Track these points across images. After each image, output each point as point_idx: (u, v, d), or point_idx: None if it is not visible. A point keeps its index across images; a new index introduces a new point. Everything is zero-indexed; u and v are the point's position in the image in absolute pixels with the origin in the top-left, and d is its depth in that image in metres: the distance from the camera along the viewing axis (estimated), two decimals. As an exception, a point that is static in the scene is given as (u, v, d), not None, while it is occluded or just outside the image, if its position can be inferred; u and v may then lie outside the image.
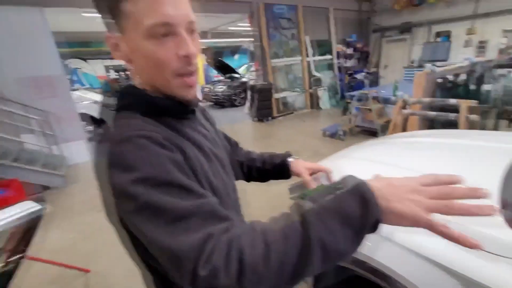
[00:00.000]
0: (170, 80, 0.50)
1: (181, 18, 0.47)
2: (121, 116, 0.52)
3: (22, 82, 3.98)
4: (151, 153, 0.44)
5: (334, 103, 7.96)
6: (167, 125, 0.53)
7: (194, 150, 0.54)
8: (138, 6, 0.45)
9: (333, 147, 4.45)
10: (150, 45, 0.47)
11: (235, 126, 6.64)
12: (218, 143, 0.67)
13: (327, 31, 7.94)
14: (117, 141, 0.45)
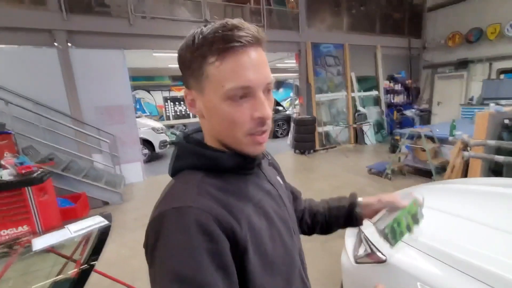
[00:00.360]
0: (241, 139, 0.50)
1: (261, 81, 0.48)
2: (179, 177, 0.53)
3: (99, 110, 4.69)
4: (189, 238, 0.42)
5: (380, 139, 7.64)
6: (230, 184, 0.52)
7: (254, 215, 0.51)
8: (220, 70, 0.46)
9: (379, 186, 4.21)
10: (227, 106, 0.47)
11: (276, 157, 6.60)
12: (283, 199, 0.63)
13: (374, 68, 7.91)
14: (160, 213, 0.45)
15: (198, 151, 0.53)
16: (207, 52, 0.46)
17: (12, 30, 3.97)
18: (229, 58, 0.46)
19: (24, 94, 4.05)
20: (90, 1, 4.69)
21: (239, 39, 0.45)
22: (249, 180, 0.56)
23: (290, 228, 0.60)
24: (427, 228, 1.30)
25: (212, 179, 0.51)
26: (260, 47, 0.49)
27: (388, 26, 8.08)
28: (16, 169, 2.71)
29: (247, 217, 0.49)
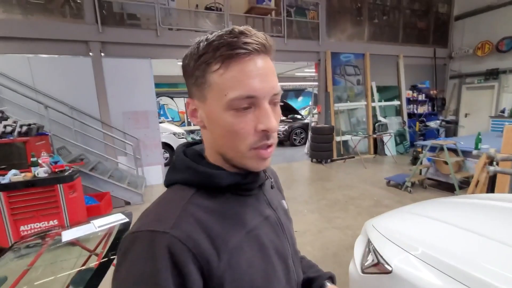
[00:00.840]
0: (245, 152, 0.46)
1: (267, 91, 0.44)
2: (169, 191, 0.50)
3: (126, 115, 5.00)
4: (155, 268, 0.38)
5: (401, 150, 7.40)
6: (223, 205, 0.48)
7: (244, 246, 0.47)
8: (224, 78, 0.43)
9: (398, 199, 4.09)
10: (229, 116, 0.44)
11: (293, 165, 6.72)
12: (283, 227, 0.58)
13: (396, 77, 7.74)
14: (133, 231, 0.42)
15: (192, 166, 0.49)
16: (211, 59, 0.43)
17: (54, 41, 4.40)
18: (233, 66, 0.43)
19: (61, 99, 4.43)
20: (123, 15, 5.08)
21: (245, 46, 0.42)
22: (247, 202, 0.52)
23: (287, 260, 0.55)
24: (436, 241, 1.30)
25: (204, 199, 0.47)
26: (267, 55, 0.46)
27: (411, 35, 7.91)
28: (51, 168, 2.97)
29: (232, 249, 0.45)
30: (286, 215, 0.63)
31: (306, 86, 13.32)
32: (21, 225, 2.84)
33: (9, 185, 2.71)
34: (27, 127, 3.31)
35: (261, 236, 0.50)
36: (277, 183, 0.70)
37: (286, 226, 0.59)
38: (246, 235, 0.48)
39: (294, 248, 0.61)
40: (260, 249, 0.49)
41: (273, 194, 0.61)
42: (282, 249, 0.54)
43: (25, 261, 1.77)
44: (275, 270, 0.50)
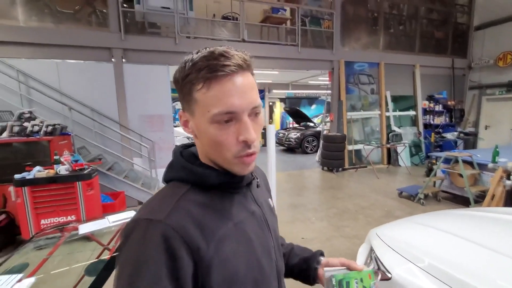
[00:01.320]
0: (230, 160, 0.52)
1: (245, 106, 0.49)
2: (166, 187, 0.56)
3: (142, 118, 5.21)
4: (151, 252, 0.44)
5: (416, 161, 7.22)
6: (213, 201, 0.54)
7: (231, 236, 0.52)
8: (207, 96, 0.48)
9: (409, 210, 4.00)
10: (213, 129, 0.49)
11: (304, 173, 6.71)
12: (268, 222, 0.63)
13: (412, 87, 7.62)
14: (133, 219, 0.48)
15: (187, 166, 0.56)
16: (195, 79, 0.49)
17: (80, 48, 4.70)
18: (214, 86, 0.48)
19: (84, 101, 4.70)
20: (144, 23, 5.36)
21: (223, 68, 0.47)
22: (235, 199, 0.58)
23: (270, 252, 0.60)
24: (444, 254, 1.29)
25: (196, 194, 0.53)
26: (247, 71, 0.51)
27: (429, 45, 7.79)
28: (71, 166, 3.16)
29: (220, 239, 0.50)
30: (271, 211, 0.69)
31: (319, 94, 13.30)
32: (42, 219, 3.02)
33: (33, 180, 2.90)
34: (52, 127, 3.54)
35: (247, 229, 0.56)
36: (265, 183, 0.76)
37: (271, 221, 0.65)
38: (233, 227, 0.54)
39: (277, 242, 0.66)
40: (245, 240, 0.55)
41: (259, 193, 0.66)
42: (265, 242, 0.60)
43: (44, 251, 1.89)
44: (259, 260, 0.56)
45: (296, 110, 10.32)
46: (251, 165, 0.55)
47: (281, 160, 8.28)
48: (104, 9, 5.01)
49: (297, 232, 3.38)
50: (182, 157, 0.58)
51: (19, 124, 3.34)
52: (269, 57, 6.04)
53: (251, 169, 0.55)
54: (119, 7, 4.80)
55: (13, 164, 3.24)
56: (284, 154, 9.63)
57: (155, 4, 5.09)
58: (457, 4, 8.16)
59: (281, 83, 12.18)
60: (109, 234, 2.23)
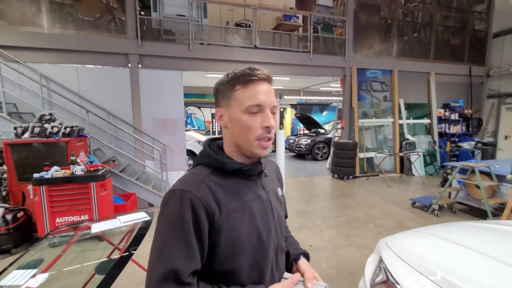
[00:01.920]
0: (252, 142, 0.71)
1: (268, 103, 0.71)
2: (195, 169, 0.75)
3: (155, 122, 5.34)
4: (183, 212, 0.64)
5: (431, 171, 7.01)
6: (228, 183, 0.72)
7: (238, 210, 0.70)
8: (244, 93, 0.70)
9: (422, 221, 3.88)
10: (246, 117, 0.70)
11: (313, 179, 6.64)
12: (272, 205, 0.80)
13: (426, 94, 7.45)
14: (171, 189, 0.68)
15: (211, 154, 0.75)
16: (236, 82, 0.71)
17: (99, 53, 4.90)
18: (250, 86, 0.70)
19: (100, 105, 4.87)
20: (160, 30, 5.53)
21: (257, 75, 0.70)
22: (247, 184, 0.76)
23: (270, 228, 0.77)
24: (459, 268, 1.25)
25: (216, 176, 0.72)
26: (269, 83, 0.74)
27: (444, 52, 7.63)
28: (87, 167, 3.27)
29: (230, 210, 0.69)
30: (278, 199, 0.86)
31: (331, 101, 13.20)
32: (57, 217, 3.12)
33: (50, 180, 3.02)
34: (70, 129, 3.68)
35: (252, 207, 0.74)
36: (277, 175, 0.94)
37: (275, 206, 0.82)
38: (241, 204, 0.72)
39: (280, 222, 0.82)
40: (249, 215, 0.73)
41: (268, 182, 0.84)
42: (267, 219, 0.77)
43: (58, 249, 1.96)
44: (259, 231, 0.73)
45: (307, 116, 10.28)
46: (267, 149, 0.74)
47: (291, 166, 8.24)
48: (123, 17, 5.21)
49: (305, 240, 3.34)
50: (210, 147, 0.77)
51: (40, 125, 3.50)
52: (281, 64, 6.08)
53: (267, 152, 0.74)
54: (136, 15, 4.99)
55: (33, 163, 3.38)
56: (294, 160, 9.58)
57: (171, 12, 5.26)
58: (475, 11, 7.98)
59: (292, 89, 12.18)
60: (119, 234, 2.28)
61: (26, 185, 3.36)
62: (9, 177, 3.41)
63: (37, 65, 4.55)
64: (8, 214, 3.07)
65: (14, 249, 3.05)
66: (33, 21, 4.77)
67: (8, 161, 3.35)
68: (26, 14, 4.78)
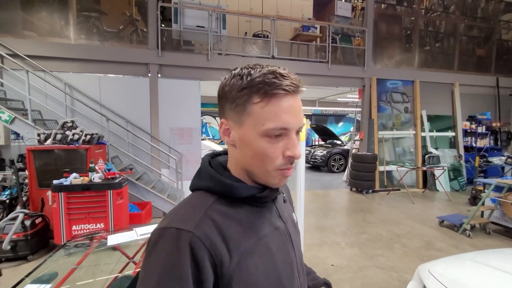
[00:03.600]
0: (271, 172, 0.53)
1: (296, 124, 0.52)
2: (194, 195, 0.56)
3: (172, 130, 5.36)
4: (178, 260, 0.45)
5: (456, 187, 6.61)
6: (239, 213, 0.54)
7: (254, 250, 0.52)
8: (264, 111, 0.50)
9: (453, 242, 3.59)
10: (263, 142, 0.51)
11: (330, 193, 6.41)
12: (291, 238, 0.63)
13: (451, 106, 7.14)
14: (162, 227, 0.49)
15: (216, 176, 0.55)
16: (253, 93, 0.50)
17: (121, 63, 5.02)
18: (273, 102, 0.50)
19: (120, 113, 4.95)
20: (179, 41, 5.63)
21: (285, 87, 0.50)
22: (261, 213, 0.58)
23: (292, 268, 0.59)
24: None
25: (223, 205, 0.53)
26: (298, 94, 0.54)
27: (469, 63, 7.34)
28: (105, 174, 3.26)
29: (243, 252, 0.50)
30: (295, 227, 0.69)
31: (347, 112, 12.98)
32: (74, 225, 3.11)
33: (69, 187, 3.02)
34: (90, 136, 3.72)
35: (270, 243, 0.56)
36: (289, 198, 0.75)
37: (294, 237, 0.65)
38: (257, 241, 0.54)
39: (300, 259, 0.66)
40: (268, 255, 0.55)
41: (284, 208, 0.67)
42: (288, 257, 0.59)
43: (73, 259, 1.90)
44: (280, 275, 0.55)
45: (323, 127, 10.10)
46: (287, 179, 0.56)
47: (306, 178, 7.98)
48: (145, 28, 5.35)
49: (325, 258, 3.15)
50: (211, 166, 0.58)
51: (62, 132, 3.56)
52: (299, 74, 5.96)
53: (286, 181, 0.57)
54: (158, 26, 5.10)
55: (53, 170, 3.43)
56: (309, 172, 9.36)
57: (191, 23, 5.36)
58: (501, 20, 7.68)
59: (308, 100, 12.10)
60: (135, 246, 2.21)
61: (46, 191, 3.38)
62: (30, 182, 3.46)
63: (62, 74, 4.71)
64: (27, 220, 3.08)
65: (30, 256, 3.05)
66: (61, 33, 4.98)
67: (30, 166, 3.41)
68: (54, 26, 5.00)
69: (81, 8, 5.14)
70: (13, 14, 4.79)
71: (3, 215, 3.35)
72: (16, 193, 3.51)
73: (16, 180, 3.42)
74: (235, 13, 6.29)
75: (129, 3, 5.68)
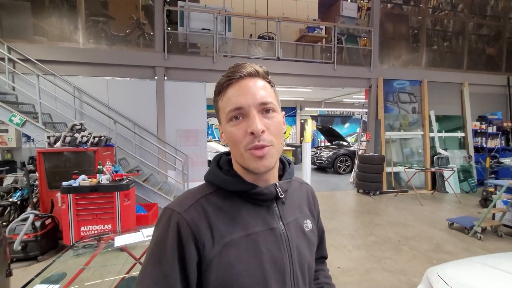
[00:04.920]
0: (243, 154, 0.56)
1: (251, 102, 0.55)
2: (200, 186, 0.63)
3: (179, 133, 5.40)
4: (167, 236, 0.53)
5: (466, 188, 6.47)
6: (231, 208, 0.58)
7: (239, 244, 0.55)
8: (223, 101, 0.58)
9: (464, 245, 3.51)
10: (229, 126, 0.57)
11: (336, 194, 6.36)
12: (290, 242, 0.61)
13: (460, 106, 7.00)
14: (165, 208, 0.58)
15: (216, 171, 0.62)
16: (217, 94, 0.60)
17: (128, 66, 5.10)
18: (227, 90, 0.57)
19: (127, 115, 5.02)
20: (185, 44, 5.69)
21: (235, 74, 0.56)
22: (257, 211, 0.60)
23: (283, 274, 0.58)
24: None
25: (218, 198, 0.59)
26: (257, 78, 0.58)
27: (479, 62, 7.20)
28: (112, 176, 3.31)
29: (226, 243, 0.54)
30: (302, 233, 0.66)
31: (353, 113, 12.87)
32: (82, 226, 3.15)
33: (78, 188, 3.07)
34: (98, 139, 3.78)
35: (259, 242, 0.57)
36: (310, 203, 0.74)
37: (295, 242, 0.62)
38: (243, 237, 0.56)
39: (301, 266, 0.62)
40: (254, 252, 0.56)
41: (288, 210, 0.65)
42: (280, 260, 0.59)
43: (81, 260, 1.93)
44: (266, 276, 0.56)
45: (329, 128, 10.03)
46: (265, 159, 0.55)
47: (312, 180, 7.96)
48: (151, 32, 5.43)
49: (332, 260, 3.11)
50: (218, 162, 0.65)
51: (71, 135, 3.62)
52: (304, 75, 6.01)
53: (265, 164, 0.56)
54: (164, 30, 5.17)
55: (63, 171, 3.49)
56: (315, 173, 9.29)
57: (197, 26, 5.41)
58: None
59: (313, 101, 12.04)
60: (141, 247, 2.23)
61: (55, 193, 3.44)
62: (40, 184, 3.53)
63: (71, 77, 4.81)
64: (37, 221, 3.14)
65: (40, 256, 3.10)
66: (70, 37, 5.09)
67: (40, 168, 3.48)
68: (64, 31, 5.11)
69: (90, 13, 5.24)
70: (24, 20, 4.92)
71: (15, 216, 3.43)
72: (27, 194, 3.59)
73: (27, 181, 3.49)
74: (240, 15, 6.32)
75: (136, 7, 5.77)
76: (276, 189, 0.61)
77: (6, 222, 3.27)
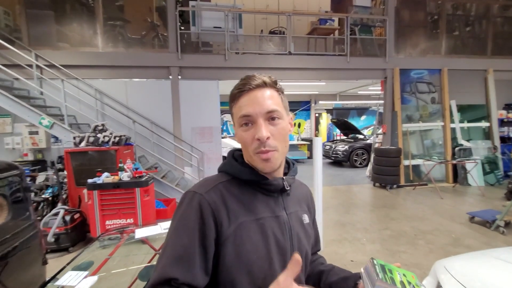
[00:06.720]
0: (252, 156, 0.66)
1: (258, 111, 0.64)
2: (215, 174, 0.73)
3: (194, 130, 5.57)
4: (190, 213, 0.61)
5: (491, 181, 6.17)
6: (244, 195, 0.67)
7: (249, 226, 0.63)
8: (236, 107, 0.68)
9: (485, 239, 3.40)
10: (241, 131, 0.67)
11: (352, 188, 6.30)
12: (291, 230, 0.70)
13: (484, 95, 6.65)
14: (186, 191, 0.67)
15: (232, 162, 0.72)
16: (231, 101, 0.70)
17: (144, 68, 5.31)
18: (239, 100, 0.67)
19: (145, 115, 5.24)
20: (198, 43, 5.81)
21: (245, 86, 0.66)
22: (265, 201, 0.69)
23: (285, 255, 0.67)
24: None
25: (233, 186, 0.68)
26: (265, 88, 0.67)
27: (505, 47, 6.76)
28: (133, 173, 3.50)
29: (240, 224, 0.63)
30: (302, 225, 0.76)
31: (370, 105, 12.54)
32: (107, 220, 3.38)
33: (102, 185, 3.29)
34: (119, 138, 4.00)
35: (266, 226, 0.66)
36: (308, 201, 0.84)
37: (296, 230, 0.72)
38: (254, 220, 0.65)
39: (300, 253, 0.69)
40: (262, 234, 0.65)
41: (291, 204, 0.75)
42: (283, 244, 0.67)
43: (106, 250, 2.10)
44: (271, 257, 0.64)
45: (344, 121, 9.86)
46: (270, 162, 0.65)
47: (328, 174, 7.93)
48: (165, 33, 5.59)
49: (345, 254, 3.14)
50: (233, 155, 0.74)
51: (94, 135, 3.86)
52: (316, 68, 5.95)
53: (271, 165, 0.66)
54: (177, 30, 5.31)
55: (88, 170, 3.74)
56: (330, 167, 9.22)
57: (208, 24, 5.50)
58: (543, -3, 6.97)
59: (328, 94, 11.85)
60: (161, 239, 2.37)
61: (82, 189, 3.71)
62: (69, 181, 3.81)
63: (92, 81, 5.08)
64: (67, 215, 3.41)
65: (71, 247, 3.37)
66: (90, 42, 5.36)
67: (68, 167, 3.75)
68: (84, 36, 5.39)
69: (107, 18, 5.48)
70: (49, 27, 5.23)
71: (47, 211, 3.73)
72: (57, 191, 3.88)
73: (56, 179, 3.78)
74: (251, 11, 6.34)
75: (150, 9, 5.94)
76: (283, 182, 0.71)
77: (40, 217, 3.57)
